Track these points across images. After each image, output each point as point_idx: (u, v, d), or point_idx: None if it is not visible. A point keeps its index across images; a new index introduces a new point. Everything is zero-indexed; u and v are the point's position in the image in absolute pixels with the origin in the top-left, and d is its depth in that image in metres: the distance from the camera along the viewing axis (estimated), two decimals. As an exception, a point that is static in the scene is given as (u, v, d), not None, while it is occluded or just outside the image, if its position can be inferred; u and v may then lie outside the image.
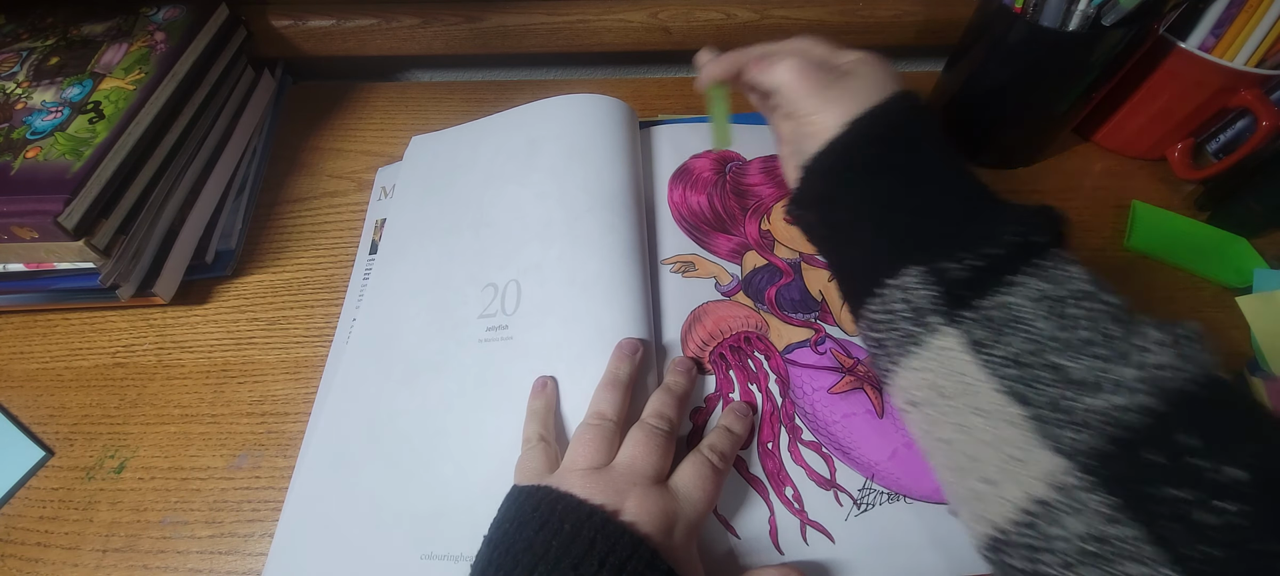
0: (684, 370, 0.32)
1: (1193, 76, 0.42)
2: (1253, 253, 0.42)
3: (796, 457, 0.31)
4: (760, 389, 0.33)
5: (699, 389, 0.33)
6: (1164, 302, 0.40)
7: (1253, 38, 0.39)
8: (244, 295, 0.39)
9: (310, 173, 0.45)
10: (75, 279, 0.34)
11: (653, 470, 0.26)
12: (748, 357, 0.34)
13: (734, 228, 0.39)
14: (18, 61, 0.39)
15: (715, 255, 0.38)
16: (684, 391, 0.31)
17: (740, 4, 0.51)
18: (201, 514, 0.30)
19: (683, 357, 0.33)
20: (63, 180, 0.32)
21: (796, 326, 0.35)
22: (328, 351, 0.36)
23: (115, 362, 0.35)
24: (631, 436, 0.27)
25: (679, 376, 0.31)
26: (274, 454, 0.32)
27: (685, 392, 0.31)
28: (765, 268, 0.38)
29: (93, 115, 0.35)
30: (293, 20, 0.49)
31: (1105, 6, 0.37)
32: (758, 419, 0.32)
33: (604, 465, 0.26)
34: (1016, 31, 0.40)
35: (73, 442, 0.33)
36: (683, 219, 0.39)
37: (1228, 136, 0.48)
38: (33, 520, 0.30)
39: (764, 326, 0.35)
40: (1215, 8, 0.40)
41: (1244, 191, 0.42)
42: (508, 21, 0.50)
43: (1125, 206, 0.45)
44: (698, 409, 0.32)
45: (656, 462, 0.26)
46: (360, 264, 0.39)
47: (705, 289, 0.36)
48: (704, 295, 0.36)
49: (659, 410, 0.29)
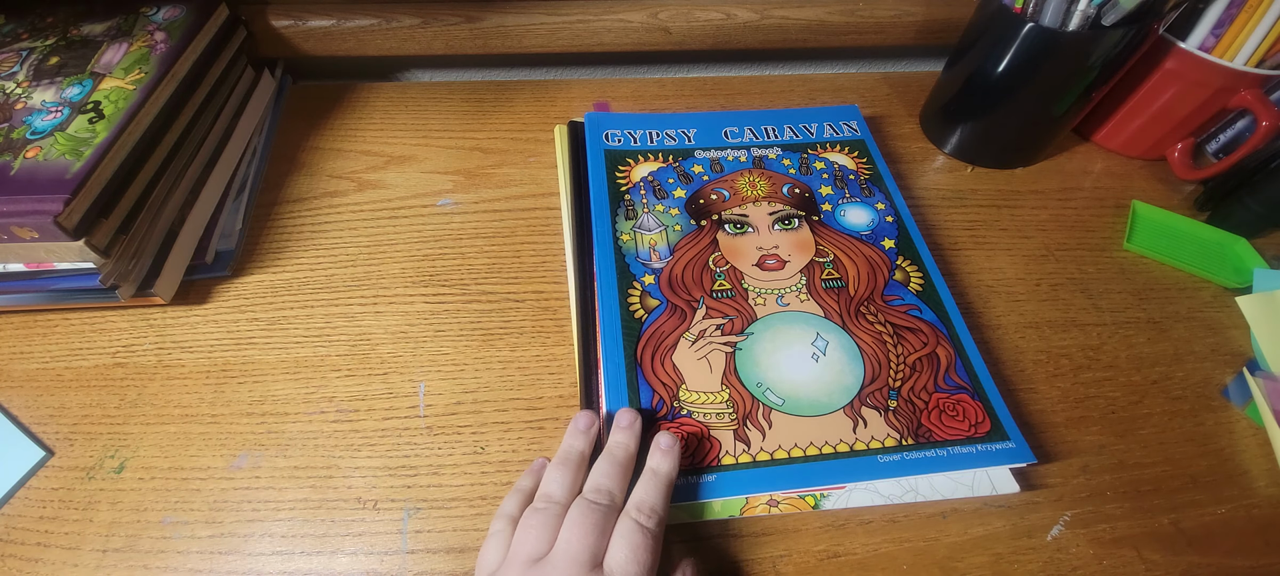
0: (627, 425, 0.30)
1: (1193, 76, 0.42)
2: (1253, 253, 0.42)
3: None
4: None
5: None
6: (1164, 303, 0.40)
7: (1253, 38, 0.39)
8: (244, 295, 0.39)
9: (310, 173, 0.45)
10: (75, 279, 0.34)
11: (587, 553, 0.25)
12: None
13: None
14: (18, 61, 0.39)
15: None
16: (627, 454, 0.29)
17: (740, 4, 0.51)
18: (201, 514, 0.30)
19: (626, 409, 0.31)
20: (63, 180, 0.32)
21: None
22: (328, 351, 0.36)
23: (115, 362, 0.35)
24: (569, 517, 0.26)
25: (621, 435, 0.29)
26: (274, 454, 0.32)
27: (629, 455, 0.29)
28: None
29: (93, 115, 0.35)
30: (293, 20, 0.49)
31: (1105, 6, 0.37)
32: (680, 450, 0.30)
33: (546, 553, 0.25)
34: (1016, 31, 0.40)
35: (73, 442, 0.33)
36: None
37: (1227, 136, 0.48)
38: (33, 520, 0.30)
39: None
40: (1215, 8, 0.40)
41: (1244, 191, 0.42)
42: (508, 21, 0.50)
43: (1125, 206, 0.45)
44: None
45: (592, 544, 0.25)
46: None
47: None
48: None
49: (597, 483, 0.27)
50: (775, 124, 0.47)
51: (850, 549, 0.30)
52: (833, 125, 0.47)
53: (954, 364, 0.34)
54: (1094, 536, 0.31)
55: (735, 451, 0.31)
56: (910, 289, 0.37)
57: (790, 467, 0.30)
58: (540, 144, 0.48)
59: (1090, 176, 0.48)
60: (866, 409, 0.32)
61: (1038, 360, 0.37)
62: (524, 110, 0.51)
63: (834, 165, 0.44)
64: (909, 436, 0.32)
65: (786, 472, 0.30)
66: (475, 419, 0.34)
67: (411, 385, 0.35)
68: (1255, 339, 0.37)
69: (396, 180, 0.45)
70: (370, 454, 0.32)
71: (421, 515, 0.31)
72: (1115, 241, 0.44)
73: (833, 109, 0.49)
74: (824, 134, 0.47)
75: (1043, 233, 0.44)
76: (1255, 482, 0.33)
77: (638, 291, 0.37)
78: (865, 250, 0.39)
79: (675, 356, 0.34)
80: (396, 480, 0.32)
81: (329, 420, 0.33)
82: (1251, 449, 0.34)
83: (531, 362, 0.36)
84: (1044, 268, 0.42)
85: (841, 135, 0.47)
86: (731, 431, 0.31)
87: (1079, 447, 0.34)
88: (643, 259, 0.38)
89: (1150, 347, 0.38)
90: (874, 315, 0.36)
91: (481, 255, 0.41)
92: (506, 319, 0.38)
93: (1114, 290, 0.41)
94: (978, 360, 0.34)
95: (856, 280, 0.38)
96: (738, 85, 0.54)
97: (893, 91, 0.54)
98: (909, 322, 0.36)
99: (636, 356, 0.34)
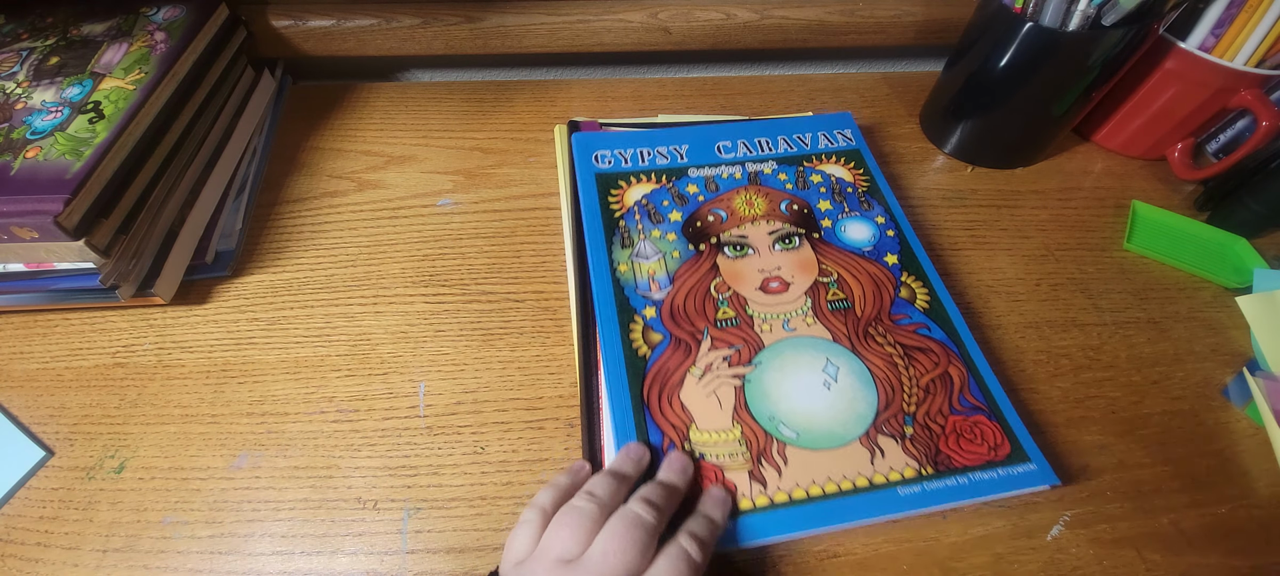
0: (681, 467, 0.29)
1: (1193, 76, 0.42)
2: (1253, 253, 0.42)
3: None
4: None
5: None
6: (1164, 303, 0.40)
7: (1253, 38, 0.39)
8: (244, 295, 0.39)
9: (310, 173, 0.45)
10: (75, 279, 0.34)
11: (624, 569, 0.23)
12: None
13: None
14: (18, 61, 0.39)
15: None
16: (686, 481, 0.29)
17: (740, 4, 0.51)
18: (201, 514, 0.30)
19: (679, 453, 0.30)
20: (63, 180, 0.32)
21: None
22: (328, 351, 0.36)
23: (115, 362, 0.35)
24: (610, 525, 0.25)
25: (673, 472, 0.29)
26: (274, 454, 0.32)
27: (687, 484, 0.29)
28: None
29: (93, 115, 0.35)
30: (293, 20, 0.49)
31: (1105, 6, 0.37)
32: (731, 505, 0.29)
33: (578, 556, 0.24)
34: (1016, 31, 0.40)
35: (73, 442, 0.33)
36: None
37: (1227, 136, 0.48)
38: (33, 520, 0.30)
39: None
40: (1215, 8, 0.40)
41: (1243, 191, 0.42)
42: (508, 21, 0.50)
43: (1125, 206, 0.45)
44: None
45: (630, 561, 0.23)
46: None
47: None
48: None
49: (648, 497, 0.26)
50: (768, 136, 0.46)
51: (850, 548, 0.30)
52: (827, 135, 0.46)
53: (967, 383, 0.33)
54: (1094, 536, 0.31)
55: (752, 494, 0.30)
56: (917, 306, 0.37)
57: (810, 507, 0.29)
58: (540, 144, 0.48)
59: (1090, 176, 0.48)
60: (883, 437, 0.31)
61: (1038, 360, 0.37)
62: (524, 110, 0.51)
63: (831, 177, 0.43)
64: (928, 465, 0.31)
65: (807, 513, 0.29)
66: (475, 419, 0.34)
67: (411, 385, 0.35)
68: (1255, 339, 0.37)
69: (396, 180, 0.45)
70: (370, 454, 0.32)
71: (421, 515, 0.31)
72: (1115, 241, 0.44)
73: (826, 117, 0.48)
74: (819, 145, 0.45)
75: (1043, 233, 0.44)
76: (1255, 482, 0.33)
77: (639, 326, 0.35)
78: (869, 267, 0.38)
79: (683, 394, 0.32)
80: (396, 480, 0.32)
81: (329, 420, 0.33)
82: (1251, 449, 0.34)
83: (531, 363, 0.36)
84: (1044, 267, 0.42)
85: (836, 145, 0.45)
86: (746, 471, 0.30)
87: (1079, 448, 0.34)
88: (642, 290, 0.36)
89: (1150, 348, 0.38)
90: (883, 336, 0.35)
91: (481, 255, 0.41)
92: (506, 319, 0.38)
93: (1114, 290, 0.41)
94: (991, 378, 0.34)
95: (862, 300, 0.37)
96: (737, 85, 0.54)
97: (893, 91, 0.54)
98: (919, 342, 0.35)
99: (643, 397, 0.32)
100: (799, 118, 0.48)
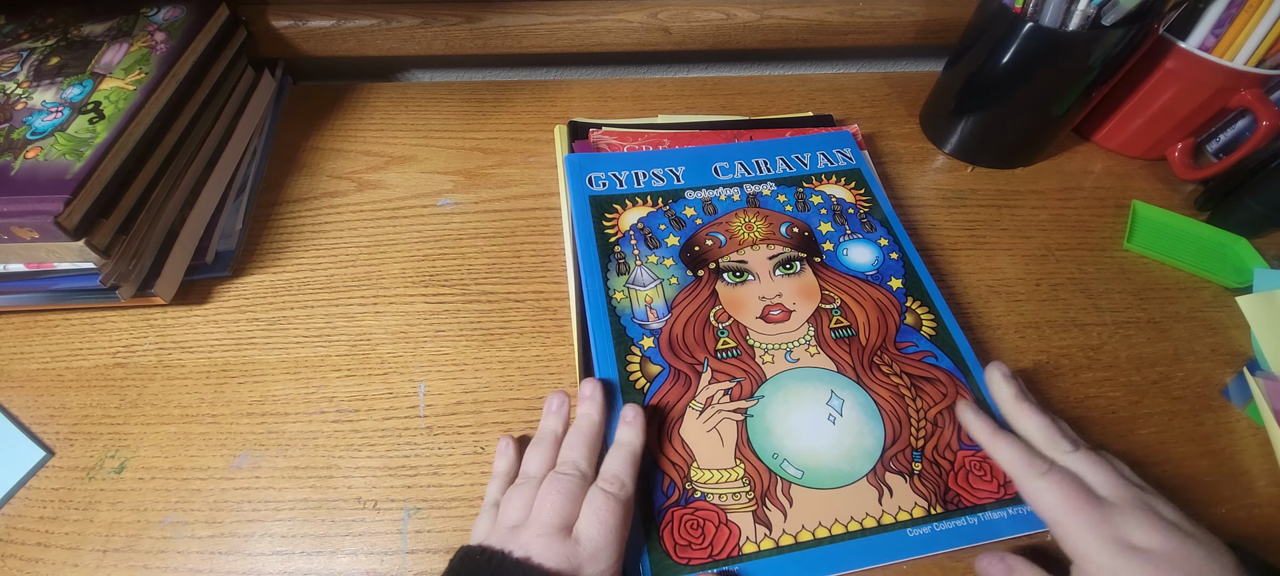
0: (588, 395, 0.31)
1: (1193, 76, 0.42)
2: (1253, 252, 0.42)
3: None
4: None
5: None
6: (1164, 303, 0.40)
7: (1253, 38, 0.39)
8: (244, 295, 0.39)
9: (310, 173, 0.45)
10: (75, 279, 0.34)
11: (558, 518, 0.26)
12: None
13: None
14: (18, 61, 0.39)
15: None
16: (592, 426, 0.30)
17: (740, 4, 0.51)
18: (201, 514, 0.30)
19: (589, 380, 0.32)
20: (63, 180, 0.32)
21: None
22: (328, 351, 0.36)
23: (115, 363, 0.35)
24: (542, 488, 0.28)
25: (585, 406, 0.31)
26: (274, 454, 0.32)
27: (593, 426, 0.30)
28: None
29: (93, 115, 0.35)
30: (293, 20, 0.49)
31: (1105, 6, 0.37)
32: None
33: (524, 521, 0.27)
34: (1016, 31, 0.40)
35: (73, 443, 0.33)
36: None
37: (1228, 136, 0.48)
38: (33, 520, 0.30)
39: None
40: (1215, 8, 0.40)
41: (1243, 191, 0.42)
42: (508, 21, 0.50)
43: (1125, 206, 0.45)
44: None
45: (563, 510, 0.26)
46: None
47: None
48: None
49: (566, 456, 0.29)
50: (767, 156, 0.44)
51: (850, 549, 0.30)
52: (826, 154, 0.44)
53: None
54: (1094, 536, 0.31)
55: (756, 537, 0.29)
56: (923, 333, 0.35)
57: (816, 552, 0.28)
58: (540, 144, 0.48)
59: (1090, 176, 0.48)
60: (891, 475, 0.30)
61: (1038, 360, 0.37)
62: (524, 110, 0.51)
63: (831, 199, 0.42)
64: (938, 503, 0.30)
65: (813, 558, 0.28)
66: (475, 419, 0.34)
67: (411, 385, 0.35)
68: (1255, 339, 0.37)
69: (396, 180, 0.45)
70: (370, 454, 0.32)
71: (421, 515, 0.31)
72: (1115, 241, 0.44)
73: (825, 136, 0.46)
74: (818, 164, 0.44)
75: (1043, 233, 0.44)
76: (1255, 482, 0.33)
77: (637, 357, 0.34)
78: (873, 293, 0.37)
79: (683, 430, 0.32)
80: (396, 480, 0.32)
81: (329, 420, 0.33)
82: (1251, 449, 0.34)
83: (531, 363, 0.36)
84: (1044, 267, 0.42)
85: (836, 165, 0.44)
86: (750, 513, 0.29)
87: (1079, 447, 0.34)
88: (639, 319, 0.35)
89: (1150, 347, 0.38)
90: (889, 366, 0.34)
91: (481, 255, 0.41)
92: (506, 319, 0.38)
93: (1114, 290, 0.41)
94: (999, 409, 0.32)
95: (867, 327, 0.35)
96: (737, 85, 0.54)
97: (893, 91, 0.54)
98: (926, 372, 0.34)
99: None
100: (798, 137, 0.46)
